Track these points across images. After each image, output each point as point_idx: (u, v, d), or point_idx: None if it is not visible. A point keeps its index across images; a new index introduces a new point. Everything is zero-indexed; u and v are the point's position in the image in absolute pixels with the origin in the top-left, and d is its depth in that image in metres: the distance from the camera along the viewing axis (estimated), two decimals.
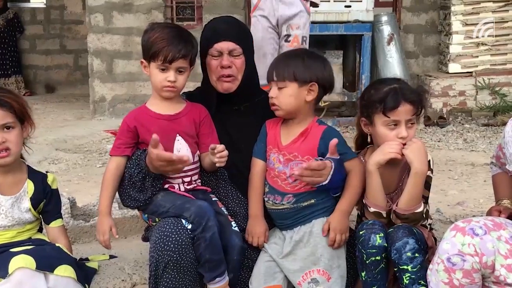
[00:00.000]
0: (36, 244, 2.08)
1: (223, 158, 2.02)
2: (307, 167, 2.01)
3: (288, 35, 3.65)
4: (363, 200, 2.16)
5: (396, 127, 2.10)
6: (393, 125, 2.10)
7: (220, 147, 2.02)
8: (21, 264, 1.87)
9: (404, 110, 2.08)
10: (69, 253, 2.08)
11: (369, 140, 2.23)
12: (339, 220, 2.11)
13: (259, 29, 3.76)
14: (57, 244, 2.09)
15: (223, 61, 2.22)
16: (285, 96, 2.12)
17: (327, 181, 2.05)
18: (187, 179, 2.16)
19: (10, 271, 1.85)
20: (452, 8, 6.74)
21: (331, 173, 2.04)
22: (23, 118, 2.05)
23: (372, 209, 2.13)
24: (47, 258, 1.94)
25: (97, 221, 2.15)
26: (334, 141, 2.06)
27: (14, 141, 2.01)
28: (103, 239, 2.10)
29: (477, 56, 6.77)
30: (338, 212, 2.13)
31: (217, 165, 2.04)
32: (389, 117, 2.09)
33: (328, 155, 2.07)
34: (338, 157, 2.08)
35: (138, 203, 2.12)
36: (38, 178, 2.13)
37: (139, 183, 2.08)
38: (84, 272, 2.20)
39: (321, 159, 2.09)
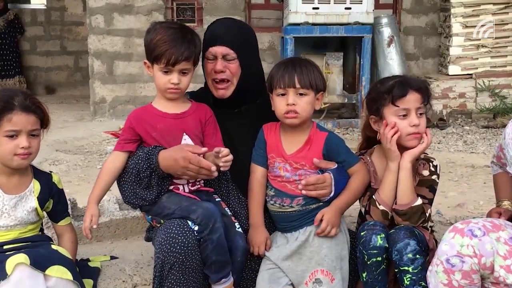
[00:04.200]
0: (33, 241, 2.09)
1: (228, 163, 2.02)
2: (306, 183, 2.08)
3: None
4: (373, 196, 2.17)
5: (406, 116, 2.12)
6: (403, 114, 2.12)
7: (225, 151, 2.01)
8: (18, 260, 1.88)
9: (413, 98, 2.11)
10: (67, 254, 2.07)
11: (378, 138, 2.21)
12: (333, 214, 2.11)
13: None
14: (54, 247, 2.09)
15: (217, 65, 2.23)
16: (306, 103, 2.12)
17: (332, 193, 2.11)
18: (192, 180, 2.16)
19: (8, 271, 1.86)
20: (452, 10, 6.76)
21: (333, 184, 2.09)
22: (45, 125, 2.08)
23: (381, 207, 2.14)
24: (39, 258, 1.94)
25: (86, 209, 2.15)
26: (315, 161, 2.12)
27: (36, 148, 2.04)
28: (83, 226, 2.09)
29: (477, 58, 6.78)
30: (333, 207, 2.13)
31: (222, 169, 2.04)
32: (398, 106, 2.11)
33: (323, 168, 2.11)
34: (336, 166, 2.12)
35: (144, 202, 2.10)
36: (44, 178, 2.14)
37: (146, 179, 2.07)
38: (88, 272, 2.21)
39: (318, 173, 2.13)
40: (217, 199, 2.20)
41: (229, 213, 2.18)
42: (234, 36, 2.28)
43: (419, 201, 2.11)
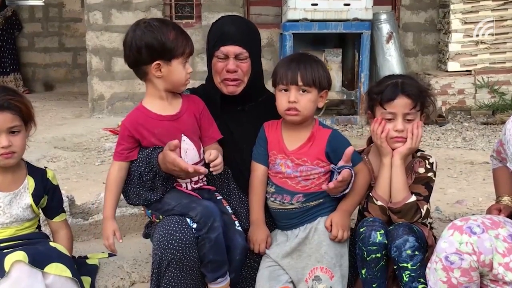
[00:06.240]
0: (30, 238, 2.08)
1: (217, 167, 2.02)
2: (341, 180, 2.04)
3: None
4: (370, 193, 2.17)
5: (392, 120, 2.12)
6: (389, 118, 2.12)
7: (213, 155, 2.01)
8: (16, 257, 1.87)
9: (402, 103, 2.11)
10: (65, 251, 2.07)
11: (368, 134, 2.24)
12: (341, 217, 2.13)
13: None
14: (52, 244, 2.08)
15: (229, 65, 2.20)
16: (308, 101, 2.12)
17: (348, 189, 2.10)
18: (195, 178, 2.15)
19: (6, 269, 1.86)
20: (452, 7, 6.75)
21: (352, 181, 2.09)
22: (28, 120, 2.05)
23: (379, 203, 2.14)
24: (37, 255, 1.93)
25: (102, 226, 2.14)
26: (350, 150, 2.08)
27: (20, 145, 2.02)
28: (108, 243, 2.09)
29: (476, 55, 6.77)
30: (340, 211, 2.15)
31: (214, 173, 2.05)
32: (385, 109, 2.12)
33: (343, 163, 2.08)
34: (351, 165, 2.10)
35: (149, 202, 2.10)
36: (38, 174, 2.13)
37: (149, 182, 2.06)
38: (86, 269, 2.21)
39: (320, 170, 2.13)
40: (218, 197, 2.20)
41: (230, 211, 2.17)
42: (245, 35, 2.26)
43: (412, 198, 2.11)
